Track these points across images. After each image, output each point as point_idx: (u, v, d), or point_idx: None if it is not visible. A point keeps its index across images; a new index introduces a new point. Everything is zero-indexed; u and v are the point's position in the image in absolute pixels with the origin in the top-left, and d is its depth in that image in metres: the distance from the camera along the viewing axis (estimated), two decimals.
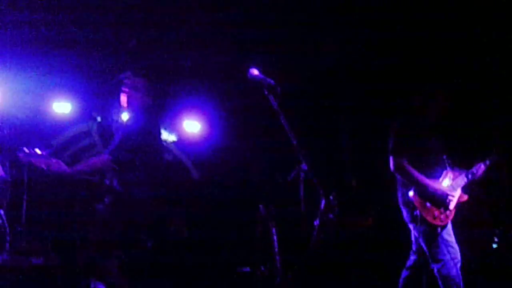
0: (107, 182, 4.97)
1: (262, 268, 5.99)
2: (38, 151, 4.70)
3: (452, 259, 5.42)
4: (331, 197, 7.14)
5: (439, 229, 5.49)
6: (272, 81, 4.15)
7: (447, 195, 5.57)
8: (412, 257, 5.80)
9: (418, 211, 5.51)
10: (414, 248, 5.80)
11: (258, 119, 7.21)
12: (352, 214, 7.44)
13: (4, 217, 6.25)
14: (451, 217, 5.56)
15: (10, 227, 6.30)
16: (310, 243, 7.11)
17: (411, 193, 5.55)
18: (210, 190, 4.59)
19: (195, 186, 7.77)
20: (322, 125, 7.91)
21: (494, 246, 7.29)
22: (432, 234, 5.49)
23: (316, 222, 7.15)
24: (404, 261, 5.81)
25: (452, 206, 5.59)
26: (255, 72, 4.21)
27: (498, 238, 7.30)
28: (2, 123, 7.51)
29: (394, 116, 5.91)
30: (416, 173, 5.54)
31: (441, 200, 5.53)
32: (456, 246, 5.53)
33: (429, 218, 5.49)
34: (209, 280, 5.12)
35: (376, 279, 6.84)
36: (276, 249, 6.05)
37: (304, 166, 4.32)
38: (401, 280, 5.74)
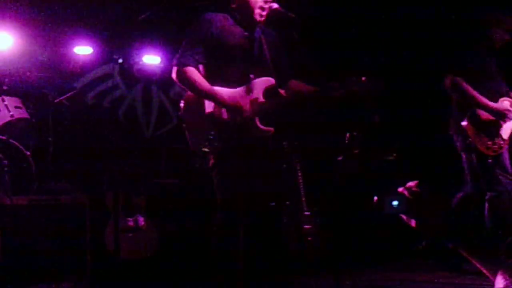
0: None
1: (287, 203, 6.03)
2: None
3: (508, 191, 5.33)
4: (354, 133, 7.17)
5: (490, 160, 5.35)
6: (293, 15, 4.10)
7: (504, 116, 5.41)
8: (466, 187, 5.65)
9: (470, 139, 5.37)
10: (467, 178, 5.63)
11: None
12: (376, 149, 7.44)
13: (30, 158, 6.32)
14: (505, 147, 5.42)
15: (37, 168, 6.37)
16: (334, 178, 7.16)
17: (464, 123, 5.38)
18: None
19: None
20: (344, 60, 7.83)
21: None
22: (485, 163, 5.35)
23: (341, 157, 7.20)
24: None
25: (506, 135, 5.43)
26: (274, 5, 4.16)
27: None
28: (25, 66, 7.52)
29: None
30: (472, 90, 5.36)
31: (495, 125, 5.38)
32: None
33: (481, 148, 5.36)
34: None
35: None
36: (301, 184, 6.08)
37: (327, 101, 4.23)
38: (453, 204, 5.57)
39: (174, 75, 4.14)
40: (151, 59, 9.25)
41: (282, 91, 4.26)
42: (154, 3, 8.33)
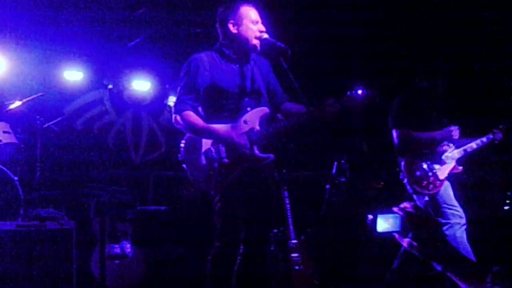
0: None
1: (276, 231, 6.02)
2: None
3: (457, 223, 5.56)
4: (342, 161, 7.19)
5: (426, 197, 5.68)
6: (282, 45, 4.19)
7: (450, 137, 5.73)
8: None
9: (407, 180, 5.72)
10: None
11: None
12: (364, 178, 7.47)
13: (18, 184, 6.29)
14: (441, 187, 5.65)
15: (24, 193, 6.34)
16: (322, 206, 7.16)
17: (402, 163, 5.76)
18: None
19: None
20: (332, 89, 7.89)
21: (506, 208, 7.35)
22: (427, 201, 5.68)
23: (328, 186, 7.21)
24: None
25: (442, 176, 5.68)
26: (265, 35, 4.25)
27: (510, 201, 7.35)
28: (14, 91, 7.51)
29: (397, 91, 6.12)
30: (418, 134, 5.72)
31: (430, 166, 5.69)
32: (460, 210, 5.65)
33: (417, 187, 5.66)
34: None
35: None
36: (289, 213, 6.07)
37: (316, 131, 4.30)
38: None
39: (174, 122, 4.24)
40: (141, 85, 9.27)
41: (279, 116, 4.40)
42: (144, 29, 8.36)
